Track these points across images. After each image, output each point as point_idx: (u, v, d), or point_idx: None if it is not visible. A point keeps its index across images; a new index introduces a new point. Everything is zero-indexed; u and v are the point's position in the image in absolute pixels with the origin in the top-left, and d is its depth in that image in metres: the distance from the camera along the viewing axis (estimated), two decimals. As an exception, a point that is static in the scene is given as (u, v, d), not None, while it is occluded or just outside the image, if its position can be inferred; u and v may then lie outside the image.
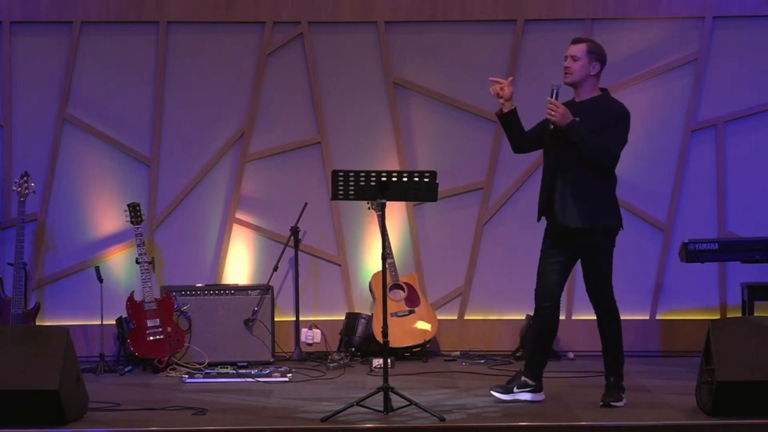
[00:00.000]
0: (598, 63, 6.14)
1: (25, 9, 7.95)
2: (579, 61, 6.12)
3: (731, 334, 5.79)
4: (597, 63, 6.14)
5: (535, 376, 6.26)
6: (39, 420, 5.65)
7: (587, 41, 6.22)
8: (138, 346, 7.45)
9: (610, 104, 6.17)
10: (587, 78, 6.15)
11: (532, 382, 6.25)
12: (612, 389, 6.16)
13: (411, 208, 8.10)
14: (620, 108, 6.16)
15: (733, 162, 8.05)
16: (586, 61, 6.12)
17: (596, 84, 6.19)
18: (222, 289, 7.79)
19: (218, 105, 8.08)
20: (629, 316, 8.02)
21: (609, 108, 6.15)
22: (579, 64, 6.12)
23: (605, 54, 6.20)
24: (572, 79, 6.16)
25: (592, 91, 6.17)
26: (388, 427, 5.65)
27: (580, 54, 6.13)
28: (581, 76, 6.14)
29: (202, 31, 8.07)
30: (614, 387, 6.17)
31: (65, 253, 8.00)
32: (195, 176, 8.09)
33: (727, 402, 5.66)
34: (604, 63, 6.19)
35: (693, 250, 7.20)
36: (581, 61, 6.12)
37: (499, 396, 6.23)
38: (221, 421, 5.85)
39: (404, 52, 8.12)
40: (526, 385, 6.25)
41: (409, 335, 7.73)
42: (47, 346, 5.71)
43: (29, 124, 8.01)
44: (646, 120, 8.05)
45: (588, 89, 6.17)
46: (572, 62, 6.13)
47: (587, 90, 6.18)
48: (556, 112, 6.04)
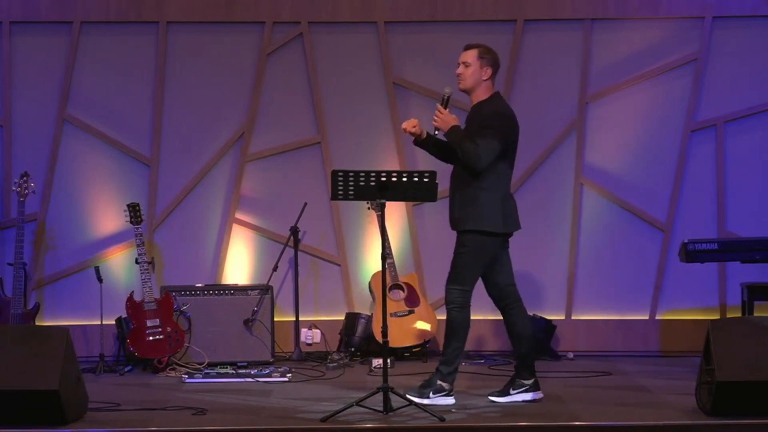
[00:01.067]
0: (489, 68, 6.24)
1: (25, 9, 7.95)
2: (470, 67, 6.22)
3: (731, 334, 5.79)
4: (489, 68, 6.24)
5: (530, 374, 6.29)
6: (39, 420, 5.65)
7: (478, 47, 6.28)
8: (138, 346, 7.45)
9: (489, 107, 6.24)
10: (479, 83, 6.24)
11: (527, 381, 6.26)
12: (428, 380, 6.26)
13: (411, 208, 8.10)
14: (494, 110, 6.22)
15: (733, 162, 8.05)
16: (477, 66, 6.22)
17: (489, 88, 6.28)
18: (222, 289, 7.79)
19: (218, 105, 8.08)
20: (629, 316, 8.05)
21: (485, 111, 6.22)
22: (471, 70, 6.22)
23: (498, 58, 6.30)
24: (464, 86, 6.26)
25: (484, 95, 6.25)
26: (387, 427, 5.66)
27: (471, 60, 6.22)
28: (473, 82, 6.23)
29: (202, 31, 8.07)
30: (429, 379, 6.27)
31: (65, 253, 8.00)
32: (195, 176, 8.09)
33: (726, 402, 5.66)
34: (497, 67, 6.30)
35: (693, 250, 7.20)
36: (473, 67, 6.22)
37: (497, 400, 6.23)
38: (221, 421, 5.85)
39: (404, 52, 8.12)
40: (522, 385, 6.26)
41: (409, 335, 7.74)
42: (47, 346, 5.71)
43: (29, 124, 8.01)
44: (646, 120, 8.05)
45: (480, 94, 6.27)
46: (464, 68, 6.24)
47: (479, 94, 6.27)
48: (439, 118, 6.14)
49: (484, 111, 6.21)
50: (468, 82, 6.24)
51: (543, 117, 8.10)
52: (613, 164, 8.08)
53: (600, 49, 8.07)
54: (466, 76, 6.23)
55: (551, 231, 8.09)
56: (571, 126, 8.10)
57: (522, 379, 6.29)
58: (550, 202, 8.10)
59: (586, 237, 8.06)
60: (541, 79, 8.10)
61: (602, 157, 8.09)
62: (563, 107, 8.09)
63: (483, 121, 6.16)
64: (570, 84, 8.07)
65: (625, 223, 8.09)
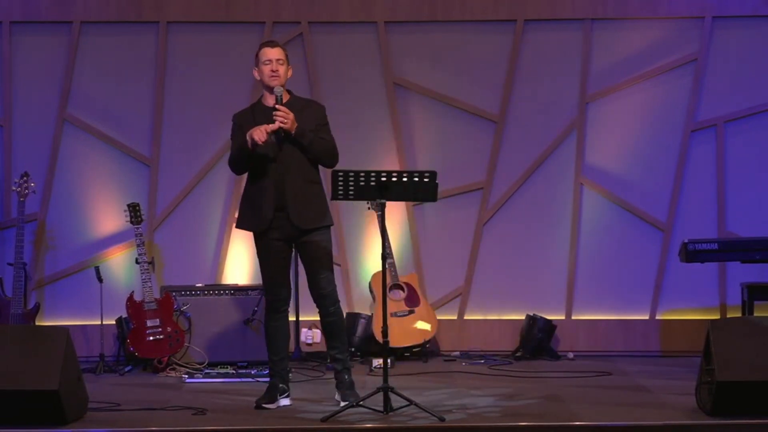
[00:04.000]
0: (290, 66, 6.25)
1: (25, 9, 7.95)
2: (284, 64, 6.18)
3: (731, 334, 5.79)
4: (290, 66, 6.25)
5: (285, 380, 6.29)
6: (39, 420, 5.64)
7: (281, 45, 6.27)
8: (138, 346, 7.45)
9: (314, 104, 6.28)
10: (286, 80, 6.21)
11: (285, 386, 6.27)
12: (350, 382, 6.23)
13: (411, 208, 8.10)
14: (322, 107, 6.27)
15: (733, 162, 8.05)
16: (286, 64, 6.19)
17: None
18: (222, 289, 7.79)
19: (218, 105, 8.07)
20: (629, 316, 8.05)
21: (317, 109, 6.23)
22: (284, 68, 6.18)
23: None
24: (280, 82, 6.16)
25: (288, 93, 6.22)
26: (388, 427, 5.65)
27: (283, 57, 6.19)
28: (285, 79, 6.18)
29: (202, 31, 8.07)
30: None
31: (65, 253, 8.00)
32: (195, 176, 8.09)
33: (726, 402, 5.66)
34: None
35: (693, 250, 7.19)
36: (285, 64, 6.18)
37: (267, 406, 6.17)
38: (221, 421, 5.85)
39: (404, 52, 8.12)
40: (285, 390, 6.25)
41: (409, 335, 7.73)
42: (47, 346, 5.71)
43: (29, 124, 8.01)
44: (646, 120, 8.05)
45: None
46: (279, 66, 6.17)
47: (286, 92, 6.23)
48: (287, 118, 6.02)
49: (320, 111, 6.22)
50: (283, 79, 6.15)
51: (543, 117, 8.10)
52: (613, 164, 8.07)
53: (600, 49, 8.07)
54: (282, 72, 6.15)
55: (551, 231, 8.09)
56: (571, 126, 8.09)
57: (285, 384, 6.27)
58: (550, 202, 8.10)
59: (586, 237, 8.06)
60: (541, 79, 8.10)
61: (602, 157, 8.09)
62: (563, 107, 8.09)
63: (324, 119, 6.21)
64: (570, 84, 8.07)
65: (625, 223, 8.09)
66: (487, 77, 8.09)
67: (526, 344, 7.82)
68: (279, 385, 6.19)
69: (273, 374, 6.25)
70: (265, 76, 6.16)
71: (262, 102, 6.25)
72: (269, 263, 6.19)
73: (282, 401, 6.17)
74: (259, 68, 6.19)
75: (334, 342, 6.30)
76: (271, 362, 6.27)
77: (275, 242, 6.14)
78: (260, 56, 6.19)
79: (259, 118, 6.13)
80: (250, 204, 6.17)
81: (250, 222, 6.19)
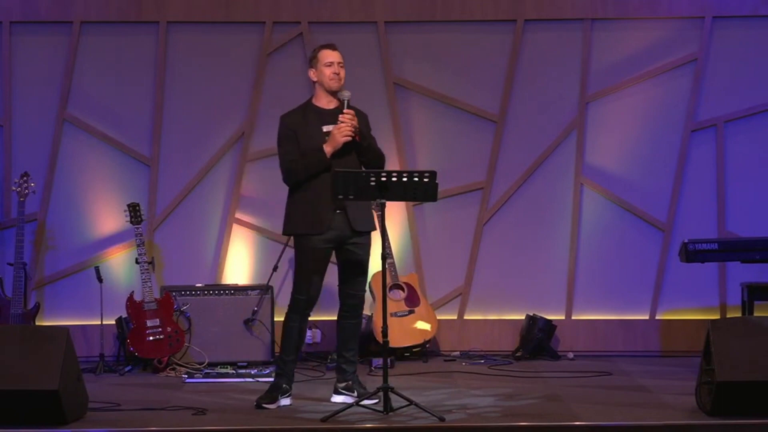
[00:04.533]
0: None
1: (25, 9, 7.95)
2: (343, 67, 6.19)
3: (731, 334, 5.79)
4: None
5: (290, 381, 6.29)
6: (39, 420, 5.65)
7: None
8: (138, 346, 7.45)
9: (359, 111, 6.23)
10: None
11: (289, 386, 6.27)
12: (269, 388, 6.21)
13: (411, 208, 8.10)
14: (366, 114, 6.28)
15: (733, 162, 8.05)
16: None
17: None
18: (222, 289, 7.79)
19: (218, 105, 8.08)
20: (629, 316, 8.05)
21: (362, 116, 6.23)
22: (343, 71, 6.18)
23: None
24: (341, 85, 6.18)
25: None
26: (388, 427, 5.66)
27: (342, 60, 6.20)
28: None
29: (202, 31, 8.07)
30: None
31: (65, 253, 8.00)
32: (195, 176, 8.09)
33: (726, 402, 5.67)
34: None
35: (693, 250, 7.19)
36: (344, 67, 6.19)
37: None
38: (221, 421, 5.85)
39: (404, 52, 8.12)
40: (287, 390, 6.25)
41: (409, 335, 7.73)
42: (47, 346, 5.71)
43: (29, 124, 8.01)
44: (646, 120, 8.06)
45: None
46: (340, 68, 6.18)
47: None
48: (354, 123, 6.05)
49: (366, 117, 6.25)
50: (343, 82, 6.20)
51: (543, 117, 8.10)
52: (613, 164, 8.08)
53: (600, 49, 8.07)
54: (343, 76, 6.19)
55: (551, 231, 8.09)
56: (571, 126, 8.09)
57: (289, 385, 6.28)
58: (550, 202, 8.10)
59: (586, 237, 8.07)
60: (541, 79, 8.10)
61: (602, 157, 8.09)
62: (563, 107, 8.09)
63: (367, 125, 6.23)
64: (570, 84, 8.07)
65: (625, 223, 8.09)
66: (487, 77, 8.09)
67: (526, 344, 7.82)
68: (283, 386, 6.19)
69: (281, 374, 6.23)
70: (327, 78, 6.14)
71: (313, 103, 6.21)
72: (313, 265, 6.13)
73: (282, 401, 6.18)
74: (319, 69, 6.16)
75: (351, 344, 6.31)
76: (282, 362, 6.24)
77: (324, 245, 6.11)
78: (321, 58, 6.16)
79: (312, 120, 6.11)
80: (306, 207, 6.09)
81: (306, 225, 6.09)
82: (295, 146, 6.12)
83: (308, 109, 6.21)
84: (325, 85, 6.16)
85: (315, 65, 6.20)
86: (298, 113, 6.21)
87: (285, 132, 6.17)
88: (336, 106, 6.19)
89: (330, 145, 6.05)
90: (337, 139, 6.04)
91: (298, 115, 6.19)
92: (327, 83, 6.15)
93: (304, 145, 6.09)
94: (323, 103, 6.20)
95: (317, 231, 6.08)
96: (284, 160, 6.16)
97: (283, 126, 6.19)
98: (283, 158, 6.17)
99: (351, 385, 6.27)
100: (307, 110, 6.20)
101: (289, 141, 6.14)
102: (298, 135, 6.11)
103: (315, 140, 6.10)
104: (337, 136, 6.04)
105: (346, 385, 6.28)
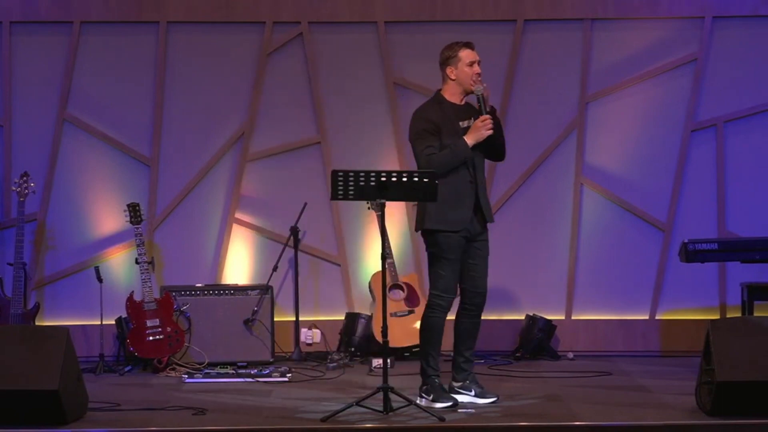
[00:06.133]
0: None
1: (25, 9, 7.95)
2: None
3: (731, 334, 5.79)
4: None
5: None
6: (39, 420, 5.65)
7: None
8: (138, 346, 7.45)
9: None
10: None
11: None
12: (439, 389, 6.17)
13: (411, 208, 8.10)
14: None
15: (733, 162, 8.05)
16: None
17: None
18: (222, 289, 7.79)
19: (218, 105, 8.08)
20: (629, 316, 8.05)
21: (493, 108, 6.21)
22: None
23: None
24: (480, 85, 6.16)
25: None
26: (388, 427, 5.66)
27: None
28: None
29: (202, 31, 8.07)
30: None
31: (65, 253, 8.00)
32: (195, 176, 8.09)
33: (726, 402, 5.66)
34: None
35: (693, 250, 7.19)
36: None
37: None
38: (221, 421, 5.85)
39: (404, 52, 8.12)
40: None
41: (409, 335, 7.73)
42: (47, 346, 5.71)
43: (29, 124, 8.01)
44: (646, 120, 8.05)
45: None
46: (479, 68, 6.17)
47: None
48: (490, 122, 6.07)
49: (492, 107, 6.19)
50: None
51: (543, 117, 8.10)
52: (613, 164, 8.08)
53: (600, 49, 8.07)
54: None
55: (551, 231, 8.09)
56: (571, 126, 8.09)
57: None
58: (550, 202, 8.10)
59: (586, 237, 8.06)
60: (541, 79, 8.10)
61: (602, 157, 8.09)
62: (563, 107, 8.09)
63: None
64: (570, 84, 8.07)
65: (625, 223, 8.09)
66: (487, 77, 8.05)
67: (526, 344, 7.82)
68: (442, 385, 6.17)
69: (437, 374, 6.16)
70: (468, 79, 6.10)
71: (447, 99, 6.16)
72: (456, 262, 6.14)
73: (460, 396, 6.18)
74: (459, 69, 6.11)
75: (470, 343, 6.30)
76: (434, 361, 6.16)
77: (462, 240, 6.12)
78: (462, 57, 6.12)
79: (450, 116, 6.09)
80: (445, 204, 6.04)
81: (448, 222, 6.08)
82: (436, 140, 6.07)
83: (445, 105, 6.16)
84: (465, 85, 6.12)
85: (455, 63, 6.13)
86: (435, 107, 6.15)
87: (426, 126, 6.10)
88: (467, 103, 6.18)
89: (472, 138, 6.03)
90: (482, 132, 6.03)
91: (436, 110, 6.14)
92: (467, 83, 6.11)
93: (447, 139, 6.06)
94: (456, 99, 6.16)
95: (458, 228, 6.10)
96: (422, 155, 6.09)
97: (423, 121, 6.12)
98: (421, 153, 6.09)
99: (468, 384, 6.23)
100: (443, 105, 6.15)
101: (431, 135, 6.08)
102: (442, 129, 6.07)
103: (457, 135, 6.07)
104: (481, 129, 6.03)
105: (462, 384, 6.24)
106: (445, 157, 6.03)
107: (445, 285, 6.15)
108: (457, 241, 6.11)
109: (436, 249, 6.15)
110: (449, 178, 6.04)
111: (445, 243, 6.12)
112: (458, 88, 6.16)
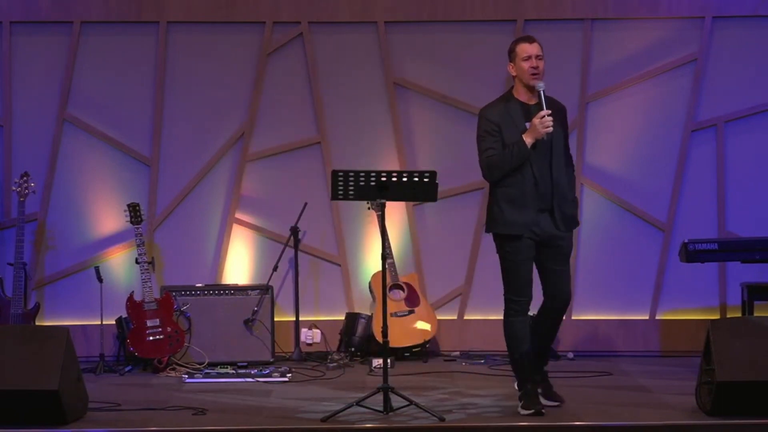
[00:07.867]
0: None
1: (25, 9, 7.94)
2: (542, 59, 5.93)
3: (731, 334, 5.80)
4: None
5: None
6: (39, 420, 5.65)
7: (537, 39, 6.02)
8: (138, 346, 7.45)
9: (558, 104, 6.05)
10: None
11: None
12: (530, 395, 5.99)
13: (411, 208, 8.10)
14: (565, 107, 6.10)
15: (733, 162, 8.05)
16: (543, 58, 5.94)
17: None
18: (222, 289, 7.79)
19: (218, 105, 8.08)
20: (629, 316, 8.05)
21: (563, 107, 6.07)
22: (543, 63, 5.93)
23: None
24: (540, 79, 5.92)
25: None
26: (388, 427, 5.66)
27: (542, 53, 5.94)
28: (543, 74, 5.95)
29: (202, 31, 8.07)
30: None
31: (65, 253, 8.00)
32: (195, 176, 8.09)
33: (726, 402, 5.67)
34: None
35: (693, 250, 7.20)
36: (543, 59, 5.93)
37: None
38: (221, 421, 5.86)
39: (404, 52, 8.12)
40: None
41: (409, 335, 7.73)
42: (47, 346, 5.71)
43: (29, 124, 8.01)
44: (646, 120, 8.05)
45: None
46: (539, 62, 5.93)
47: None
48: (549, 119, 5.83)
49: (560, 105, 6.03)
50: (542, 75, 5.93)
51: (543, 117, 8.08)
52: (613, 164, 8.07)
53: (600, 49, 8.07)
54: (542, 69, 5.92)
55: (551, 231, 8.08)
56: (571, 126, 8.04)
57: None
58: (550, 202, 8.09)
59: (586, 237, 8.06)
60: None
61: (602, 157, 8.09)
62: (563, 107, 8.08)
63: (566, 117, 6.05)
64: (570, 84, 8.06)
65: (625, 223, 8.09)
66: (487, 77, 8.09)
67: (526, 344, 7.81)
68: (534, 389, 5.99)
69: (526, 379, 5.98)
70: (526, 74, 5.86)
71: (516, 97, 5.95)
72: (524, 265, 5.93)
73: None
74: (517, 64, 5.88)
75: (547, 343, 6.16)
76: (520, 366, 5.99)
77: (530, 243, 5.88)
78: (518, 52, 5.89)
79: (516, 115, 5.89)
80: (510, 207, 5.87)
81: (507, 225, 5.88)
82: (498, 141, 5.87)
83: (511, 103, 5.95)
84: (524, 80, 5.89)
85: (513, 59, 5.92)
86: (500, 107, 5.93)
87: (488, 127, 5.90)
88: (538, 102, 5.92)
89: (531, 136, 5.81)
90: (539, 131, 5.78)
91: (500, 109, 5.92)
92: (526, 78, 5.87)
93: (509, 139, 5.86)
94: (525, 97, 5.94)
95: (517, 231, 5.86)
96: (482, 157, 5.92)
97: (485, 121, 5.92)
98: (482, 154, 5.92)
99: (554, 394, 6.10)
100: (510, 104, 5.94)
101: (492, 136, 5.88)
102: (503, 129, 5.88)
103: (519, 134, 5.87)
104: (539, 128, 5.78)
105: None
106: (502, 158, 5.84)
107: (515, 288, 5.95)
108: (523, 243, 5.88)
109: (500, 252, 5.97)
110: (512, 179, 5.86)
111: (508, 246, 5.91)
112: (522, 85, 5.94)
